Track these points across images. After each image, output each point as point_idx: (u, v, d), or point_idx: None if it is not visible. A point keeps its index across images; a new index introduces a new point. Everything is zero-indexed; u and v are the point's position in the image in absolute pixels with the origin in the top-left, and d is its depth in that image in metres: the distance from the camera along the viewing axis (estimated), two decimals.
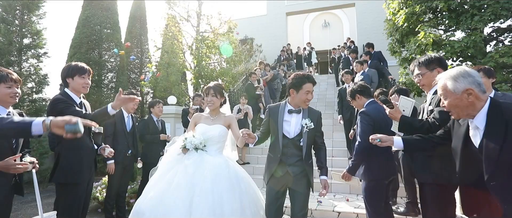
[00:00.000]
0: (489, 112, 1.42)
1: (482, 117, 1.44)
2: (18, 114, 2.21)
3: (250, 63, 11.77)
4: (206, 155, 2.46)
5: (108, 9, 8.36)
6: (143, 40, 10.96)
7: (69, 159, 2.36)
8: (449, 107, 1.53)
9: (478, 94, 1.44)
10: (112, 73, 8.43)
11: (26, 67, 6.01)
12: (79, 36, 7.72)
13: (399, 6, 6.89)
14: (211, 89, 2.61)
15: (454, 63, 6.36)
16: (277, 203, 2.35)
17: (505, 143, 1.34)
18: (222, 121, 2.63)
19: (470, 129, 1.53)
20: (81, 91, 2.51)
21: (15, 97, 2.10)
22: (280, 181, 2.34)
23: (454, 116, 1.57)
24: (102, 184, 4.46)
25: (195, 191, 2.22)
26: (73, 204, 2.35)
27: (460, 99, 1.46)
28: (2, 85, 2.01)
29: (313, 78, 2.39)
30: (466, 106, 1.46)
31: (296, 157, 2.33)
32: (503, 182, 1.35)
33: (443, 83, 1.54)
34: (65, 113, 2.07)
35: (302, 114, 2.37)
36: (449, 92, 1.49)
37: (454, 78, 1.48)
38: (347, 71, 5.93)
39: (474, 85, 1.44)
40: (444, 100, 1.55)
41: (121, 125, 3.78)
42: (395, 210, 3.74)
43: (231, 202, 2.23)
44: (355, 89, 2.92)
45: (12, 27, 5.81)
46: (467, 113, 1.50)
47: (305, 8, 15.55)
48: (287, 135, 2.35)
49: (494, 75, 2.60)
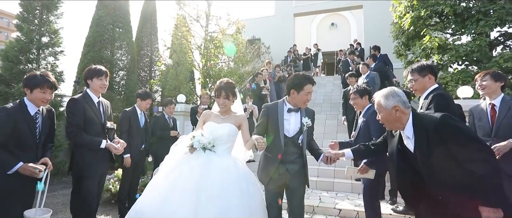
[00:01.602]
0: (414, 123, 1.72)
1: (409, 128, 1.74)
2: (47, 110, 2.45)
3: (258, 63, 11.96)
4: (214, 156, 2.32)
5: (120, 8, 8.63)
6: (153, 40, 11.25)
7: (82, 155, 2.67)
8: (382, 120, 1.83)
9: (404, 110, 1.74)
10: (123, 71, 8.70)
11: (44, 65, 6.30)
12: (93, 35, 8.01)
13: (405, 10, 6.99)
14: (223, 90, 2.42)
15: (459, 67, 6.43)
16: (277, 201, 2.40)
17: (429, 148, 1.62)
18: (233, 120, 2.49)
19: (403, 139, 1.81)
20: (99, 91, 2.81)
21: (46, 102, 2.35)
22: (279, 179, 2.36)
23: (387, 127, 1.88)
24: (115, 177, 4.70)
25: (202, 195, 2.08)
26: (87, 194, 2.66)
27: (390, 113, 1.76)
28: (38, 90, 2.25)
29: (313, 79, 2.45)
30: (394, 120, 1.77)
31: (295, 155, 2.39)
32: (438, 178, 1.61)
33: (377, 100, 1.83)
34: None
35: (300, 112, 2.43)
36: (382, 107, 1.79)
37: (385, 97, 1.78)
38: (351, 74, 6.07)
39: (400, 103, 1.74)
40: (378, 114, 1.85)
41: (135, 121, 4.01)
42: (395, 209, 3.88)
43: (240, 207, 2.10)
44: (364, 89, 3.11)
45: (32, 26, 6.10)
46: (396, 125, 1.80)
47: (313, 9, 15.65)
48: (287, 134, 2.38)
49: (502, 78, 2.61)
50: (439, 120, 1.60)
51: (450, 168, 1.58)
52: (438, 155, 1.59)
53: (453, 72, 6.26)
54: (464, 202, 1.52)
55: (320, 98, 10.31)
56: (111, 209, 4.14)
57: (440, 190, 1.61)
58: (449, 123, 1.59)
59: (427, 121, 1.66)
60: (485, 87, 2.63)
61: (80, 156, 2.67)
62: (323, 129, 7.33)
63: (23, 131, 2.19)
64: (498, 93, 2.60)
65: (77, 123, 2.61)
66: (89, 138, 2.64)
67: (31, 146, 2.26)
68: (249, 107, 6.33)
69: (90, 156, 2.66)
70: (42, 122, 2.37)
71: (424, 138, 1.65)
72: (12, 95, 5.49)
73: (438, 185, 1.61)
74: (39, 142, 2.34)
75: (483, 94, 2.71)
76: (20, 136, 2.18)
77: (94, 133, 2.70)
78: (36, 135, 2.30)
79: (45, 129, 2.40)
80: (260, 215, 2.23)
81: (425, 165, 1.65)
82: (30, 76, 2.29)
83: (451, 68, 6.60)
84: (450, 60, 6.14)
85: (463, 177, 1.54)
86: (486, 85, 2.62)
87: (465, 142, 1.55)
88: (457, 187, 1.55)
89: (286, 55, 13.17)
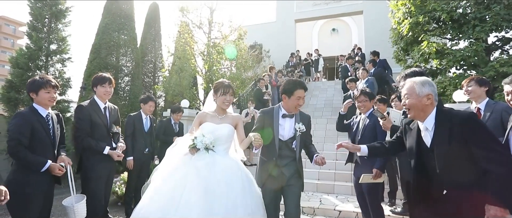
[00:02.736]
0: (437, 116, 1.74)
1: (431, 119, 1.75)
2: (55, 115, 2.60)
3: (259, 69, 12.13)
4: (217, 156, 2.33)
5: (125, 16, 8.89)
6: (157, 46, 11.50)
7: (88, 157, 2.87)
8: (409, 106, 1.80)
9: (433, 101, 1.75)
10: (128, 77, 8.92)
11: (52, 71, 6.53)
12: (99, 42, 8.26)
13: (403, 16, 7.13)
14: (231, 88, 2.50)
15: (457, 71, 6.54)
16: (274, 203, 2.46)
17: (449, 142, 1.64)
18: (230, 120, 2.53)
19: (421, 131, 1.83)
20: (104, 98, 3.01)
21: (53, 101, 2.49)
22: (275, 182, 2.42)
23: (410, 115, 1.85)
24: (121, 180, 4.84)
25: (210, 194, 2.11)
26: (96, 193, 2.85)
27: (420, 101, 1.75)
28: (43, 90, 2.38)
29: (305, 84, 2.50)
30: (421, 108, 1.76)
31: (289, 158, 2.45)
32: (449, 172, 1.65)
33: (410, 85, 1.81)
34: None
35: (295, 118, 2.49)
36: (415, 93, 1.77)
37: (422, 83, 1.78)
38: (352, 79, 6.20)
39: (433, 93, 1.75)
40: (406, 99, 1.82)
41: (139, 125, 4.16)
42: (393, 210, 3.98)
43: (244, 206, 2.16)
44: (371, 94, 3.26)
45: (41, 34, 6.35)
46: (419, 115, 1.78)
47: (314, 15, 15.85)
48: (282, 138, 2.45)
49: (486, 84, 2.77)
50: (467, 116, 1.66)
51: (463, 165, 1.62)
52: (455, 150, 1.62)
53: (451, 76, 6.37)
54: (470, 199, 1.58)
55: (321, 103, 10.43)
56: (117, 210, 4.27)
57: (447, 186, 1.65)
58: (476, 120, 1.67)
59: (453, 115, 1.69)
60: (470, 92, 2.79)
61: (86, 158, 2.87)
62: (324, 133, 7.44)
63: (40, 132, 2.33)
64: (483, 97, 2.75)
65: (83, 129, 2.83)
66: (94, 143, 2.84)
67: (49, 147, 2.40)
68: (250, 112, 6.47)
69: (95, 159, 2.86)
70: (53, 124, 2.52)
71: (445, 131, 1.66)
72: (22, 101, 5.69)
73: (447, 180, 1.65)
74: (55, 142, 2.49)
75: (470, 99, 2.86)
76: (38, 137, 2.32)
77: (99, 137, 2.90)
78: (51, 136, 2.44)
79: (56, 130, 2.55)
80: (261, 213, 2.31)
81: (439, 158, 1.67)
82: (31, 81, 2.41)
83: (450, 72, 6.72)
84: (448, 65, 6.26)
85: (474, 175, 1.59)
86: (471, 90, 2.78)
87: (488, 142, 1.58)
88: (466, 184, 1.61)
89: (288, 60, 13.35)
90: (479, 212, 1.57)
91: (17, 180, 2.24)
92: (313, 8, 15.62)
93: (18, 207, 2.21)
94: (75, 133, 2.87)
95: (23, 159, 2.22)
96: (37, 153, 2.29)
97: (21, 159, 2.23)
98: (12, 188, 2.20)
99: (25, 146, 2.23)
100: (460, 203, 1.62)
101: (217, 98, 2.50)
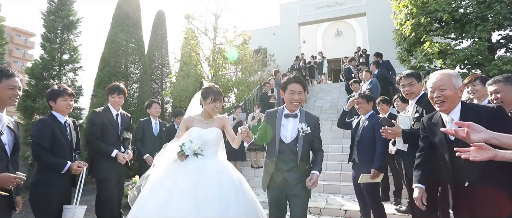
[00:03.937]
0: (462, 108, 1.81)
1: (457, 111, 1.80)
2: (71, 121, 2.77)
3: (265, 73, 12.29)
4: (206, 160, 2.31)
5: (133, 25, 9.18)
6: (163, 53, 11.78)
7: (98, 159, 3.15)
8: (447, 97, 1.80)
9: (461, 94, 1.82)
10: (137, 84, 9.17)
11: (64, 80, 6.79)
12: (108, 51, 8.54)
13: (405, 17, 7.19)
14: (221, 95, 2.46)
15: (461, 70, 6.56)
16: (278, 204, 2.33)
17: None
18: (217, 123, 2.50)
19: (446, 123, 1.84)
20: (114, 107, 3.29)
21: (70, 108, 2.68)
22: (279, 187, 2.30)
23: (444, 106, 1.84)
24: (132, 184, 5.01)
25: (201, 199, 2.09)
26: (110, 194, 3.14)
27: (456, 92, 1.79)
28: (60, 99, 2.56)
29: (301, 79, 2.39)
30: (455, 99, 1.80)
31: (293, 163, 2.26)
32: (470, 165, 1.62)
33: (446, 76, 1.83)
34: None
35: (299, 118, 2.32)
36: (451, 85, 1.79)
37: (456, 76, 1.83)
38: (355, 81, 6.29)
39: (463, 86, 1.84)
40: (441, 91, 1.80)
41: (149, 130, 4.35)
42: (398, 209, 4.03)
43: (237, 208, 2.14)
44: (370, 96, 3.34)
45: (54, 44, 6.64)
46: (450, 106, 1.81)
47: (317, 18, 16.00)
48: (284, 139, 2.29)
49: None
50: (497, 108, 1.71)
51: None
52: None
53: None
54: (493, 191, 1.61)
55: (326, 105, 10.50)
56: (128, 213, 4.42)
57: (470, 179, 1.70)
58: (505, 113, 1.73)
59: (481, 107, 1.77)
60: (476, 92, 2.79)
61: (96, 160, 3.13)
62: (330, 135, 7.50)
63: (59, 138, 2.52)
64: (486, 96, 2.78)
65: (94, 132, 3.11)
66: (104, 146, 3.10)
67: (67, 151, 2.58)
68: (257, 115, 6.60)
69: (105, 161, 3.10)
70: (70, 130, 2.69)
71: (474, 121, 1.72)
72: (38, 109, 5.94)
73: (469, 173, 1.70)
74: (72, 147, 2.66)
75: (473, 98, 2.88)
76: (58, 142, 2.50)
77: (110, 142, 3.17)
78: (69, 141, 2.62)
79: (73, 136, 2.73)
80: (256, 214, 2.28)
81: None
82: (49, 91, 2.62)
83: None
84: (451, 64, 6.29)
85: (497, 168, 1.59)
86: (477, 89, 2.78)
87: None
88: (490, 176, 1.65)
89: (293, 63, 13.48)
90: (505, 205, 1.58)
91: (40, 181, 2.42)
92: (316, 11, 15.78)
93: (42, 206, 2.40)
94: (87, 136, 3.17)
95: (46, 161, 2.41)
96: (57, 156, 2.48)
97: (44, 161, 2.42)
98: (36, 189, 2.40)
99: (47, 150, 2.42)
100: (484, 195, 1.64)
101: (206, 104, 2.43)
